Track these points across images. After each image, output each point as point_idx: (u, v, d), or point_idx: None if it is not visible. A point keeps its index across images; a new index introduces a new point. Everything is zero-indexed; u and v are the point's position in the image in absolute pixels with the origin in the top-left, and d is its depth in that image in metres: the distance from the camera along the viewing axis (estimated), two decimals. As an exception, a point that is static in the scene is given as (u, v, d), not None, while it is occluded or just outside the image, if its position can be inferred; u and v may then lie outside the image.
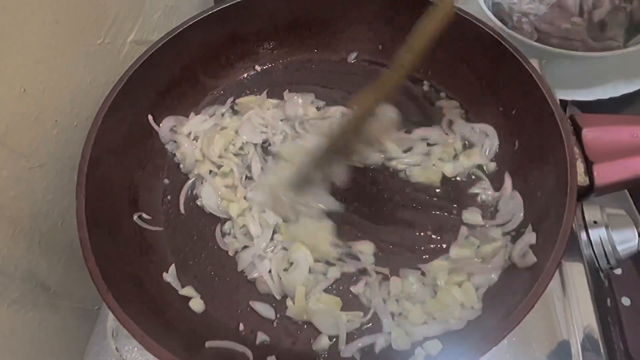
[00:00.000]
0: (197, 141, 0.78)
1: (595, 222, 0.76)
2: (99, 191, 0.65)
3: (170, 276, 0.68)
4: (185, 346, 0.57)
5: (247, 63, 0.87)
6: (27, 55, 0.63)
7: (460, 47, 0.76)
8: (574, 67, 0.97)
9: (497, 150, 0.74)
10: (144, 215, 0.72)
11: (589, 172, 0.61)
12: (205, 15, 0.78)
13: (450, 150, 0.74)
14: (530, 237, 0.61)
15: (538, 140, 0.67)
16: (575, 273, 0.70)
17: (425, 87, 0.83)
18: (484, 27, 0.72)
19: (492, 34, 0.71)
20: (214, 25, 0.79)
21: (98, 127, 0.67)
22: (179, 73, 0.81)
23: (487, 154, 0.74)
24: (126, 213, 0.71)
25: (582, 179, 0.61)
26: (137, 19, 0.86)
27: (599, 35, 0.97)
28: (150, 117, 0.77)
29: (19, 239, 0.64)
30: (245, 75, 0.87)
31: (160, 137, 0.79)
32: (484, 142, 0.74)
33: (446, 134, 0.76)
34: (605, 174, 0.60)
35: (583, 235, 0.73)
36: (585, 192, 0.62)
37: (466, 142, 0.76)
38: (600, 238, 0.73)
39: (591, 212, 0.76)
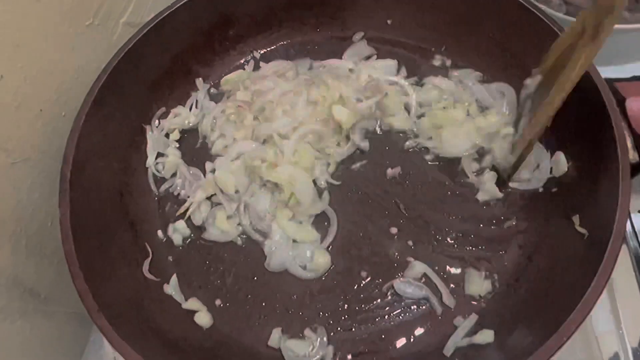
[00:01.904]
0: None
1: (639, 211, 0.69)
2: (86, 197, 0.60)
3: (171, 288, 0.62)
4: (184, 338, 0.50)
5: (243, 48, 0.80)
6: (3, 38, 0.57)
7: (483, 19, 0.69)
8: (606, 42, 0.89)
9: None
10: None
11: (637, 146, 0.54)
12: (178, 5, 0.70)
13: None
14: None
15: (576, 115, 0.59)
16: (621, 266, 0.63)
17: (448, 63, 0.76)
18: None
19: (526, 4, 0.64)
20: (204, 6, 0.72)
21: (81, 127, 0.61)
22: (169, 62, 0.74)
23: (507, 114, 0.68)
24: (118, 220, 0.64)
25: (631, 154, 0.54)
26: (130, 0, 0.79)
27: (633, 6, 0.88)
28: (147, 128, 0.71)
29: (3, 242, 0.58)
30: (242, 61, 0.80)
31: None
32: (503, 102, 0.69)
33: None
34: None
35: (627, 226, 0.66)
36: (635, 169, 0.55)
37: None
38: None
39: (635, 201, 0.69)
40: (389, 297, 0.59)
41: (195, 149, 0.72)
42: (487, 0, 0.67)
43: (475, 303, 0.57)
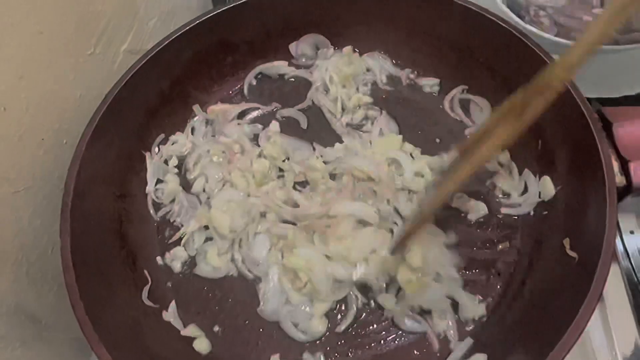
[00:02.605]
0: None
1: (632, 231, 0.71)
2: (87, 226, 0.60)
3: (170, 315, 0.63)
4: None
5: (240, 74, 0.82)
6: (7, 70, 0.58)
7: (470, 43, 0.72)
8: (597, 63, 0.91)
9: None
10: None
11: (624, 170, 0.55)
12: (192, 25, 0.73)
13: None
14: None
15: (563, 139, 0.61)
16: (613, 287, 0.64)
17: (435, 87, 0.77)
18: (498, 22, 0.66)
19: (508, 27, 0.66)
20: (202, 33, 0.74)
21: (81, 156, 0.62)
22: (168, 88, 0.75)
23: None
24: (117, 248, 0.65)
25: (618, 179, 0.55)
26: (131, 27, 0.81)
27: (623, 28, 0.91)
28: (147, 155, 0.73)
29: (5, 270, 0.59)
30: (239, 86, 0.82)
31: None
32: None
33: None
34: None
35: (619, 246, 0.67)
36: (622, 193, 0.56)
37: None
38: (638, 249, 0.67)
39: (626, 221, 0.70)
40: (384, 323, 0.60)
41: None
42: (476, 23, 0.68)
43: (469, 328, 0.58)
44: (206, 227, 0.68)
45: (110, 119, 0.66)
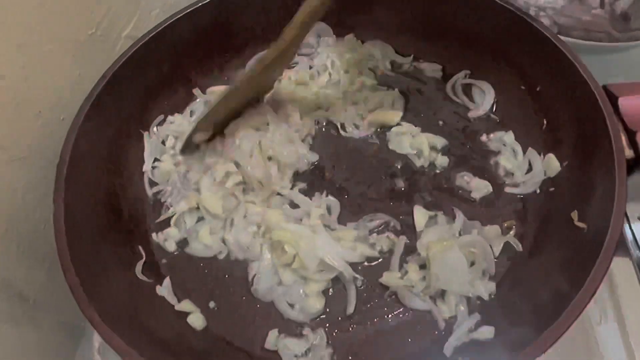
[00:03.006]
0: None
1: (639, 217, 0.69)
2: (80, 197, 0.59)
3: (164, 289, 0.61)
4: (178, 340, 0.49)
5: (241, 60, 0.81)
6: (6, 37, 0.58)
7: (473, 28, 0.71)
8: (598, 61, 0.91)
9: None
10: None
11: (632, 143, 0.54)
12: (194, 7, 0.72)
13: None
14: None
15: (569, 115, 0.60)
16: (624, 276, 0.62)
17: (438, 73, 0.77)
18: (501, 3, 0.67)
19: (511, 8, 0.66)
20: (205, 17, 0.74)
21: (79, 127, 0.61)
22: (169, 70, 0.75)
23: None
24: (112, 221, 0.63)
25: (626, 152, 0.54)
26: (133, 15, 0.81)
27: (622, 26, 0.91)
28: (145, 134, 0.72)
29: (-6, 242, 0.57)
30: (240, 72, 0.80)
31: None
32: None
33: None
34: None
35: (628, 235, 0.65)
36: (631, 166, 0.55)
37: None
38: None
39: (633, 208, 0.68)
40: (387, 299, 0.58)
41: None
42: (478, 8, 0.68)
43: (478, 302, 0.56)
44: (197, 208, 0.66)
45: (109, 95, 0.66)
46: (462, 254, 0.55)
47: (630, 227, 0.68)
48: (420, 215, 0.62)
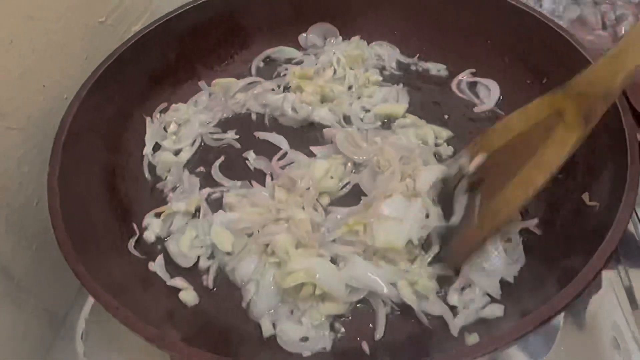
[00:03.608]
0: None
1: None
2: (76, 166, 0.58)
3: (157, 266, 0.58)
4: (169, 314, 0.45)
5: (248, 56, 0.82)
6: (18, 6, 0.58)
7: (478, 27, 0.73)
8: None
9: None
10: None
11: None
12: (201, 1, 0.74)
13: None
14: None
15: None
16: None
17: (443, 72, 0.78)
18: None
19: (517, 4, 0.67)
20: (213, 12, 0.76)
21: (80, 101, 0.61)
22: (174, 60, 0.75)
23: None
24: (107, 196, 0.62)
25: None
26: (144, 12, 0.82)
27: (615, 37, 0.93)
28: (147, 119, 0.72)
29: (-19, 209, 0.55)
30: (246, 67, 0.81)
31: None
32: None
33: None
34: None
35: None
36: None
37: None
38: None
39: None
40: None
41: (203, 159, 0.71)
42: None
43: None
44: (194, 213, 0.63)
45: (113, 76, 0.66)
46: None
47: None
48: None
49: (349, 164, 0.65)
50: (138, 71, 0.70)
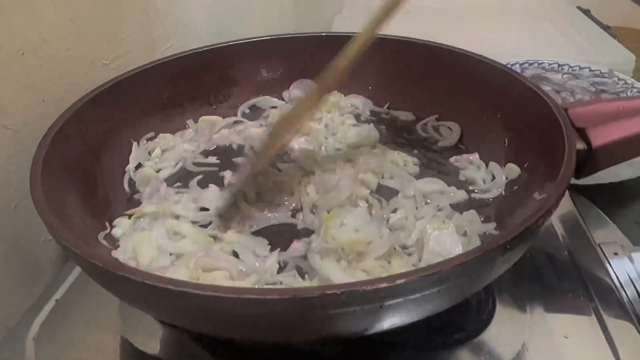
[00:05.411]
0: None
1: (615, 253, 0.69)
2: (59, 160, 0.61)
3: (119, 254, 0.59)
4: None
5: (235, 103, 0.90)
6: (33, 25, 0.66)
7: (440, 80, 0.82)
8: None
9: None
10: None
11: (583, 138, 0.59)
12: (196, 51, 0.84)
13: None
14: None
15: (527, 129, 0.67)
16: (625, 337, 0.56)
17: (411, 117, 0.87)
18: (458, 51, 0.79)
19: (468, 54, 0.77)
20: (207, 63, 0.85)
21: (76, 110, 0.66)
22: (167, 97, 0.83)
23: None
24: (84, 195, 0.63)
25: (580, 145, 0.58)
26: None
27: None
28: (134, 143, 0.77)
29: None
30: (232, 113, 0.89)
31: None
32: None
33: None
34: (600, 134, 0.58)
35: (613, 277, 0.63)
36: (584, 161, 0.58)
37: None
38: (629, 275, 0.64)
39: (608, 248, 0.69)
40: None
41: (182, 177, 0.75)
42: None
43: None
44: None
45: (108, 98, 0.72)
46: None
47: (611, 265, 0.67)
48: None
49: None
50: (131, 100, 0.76)
